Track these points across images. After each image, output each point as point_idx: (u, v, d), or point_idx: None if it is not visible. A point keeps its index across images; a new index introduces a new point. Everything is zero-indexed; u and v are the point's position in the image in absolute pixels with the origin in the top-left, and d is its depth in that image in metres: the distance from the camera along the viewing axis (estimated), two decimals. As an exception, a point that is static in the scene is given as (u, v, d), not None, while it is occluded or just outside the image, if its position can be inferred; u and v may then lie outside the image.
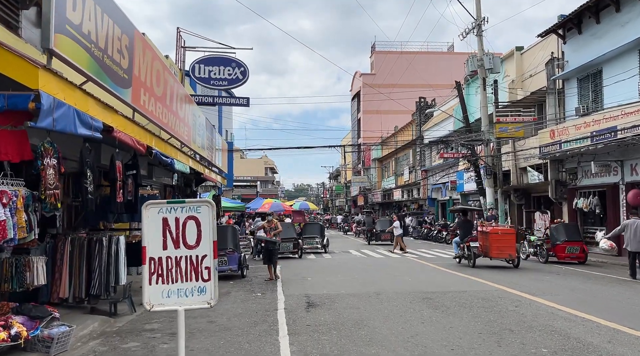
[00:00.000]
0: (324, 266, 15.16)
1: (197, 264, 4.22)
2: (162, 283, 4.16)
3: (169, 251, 4.22)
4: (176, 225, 4.23)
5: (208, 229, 4.26)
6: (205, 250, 4.25)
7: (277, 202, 24.77)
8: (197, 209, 4.28)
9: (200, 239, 4.25)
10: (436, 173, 34.77)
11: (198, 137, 13.90)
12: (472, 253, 14.60)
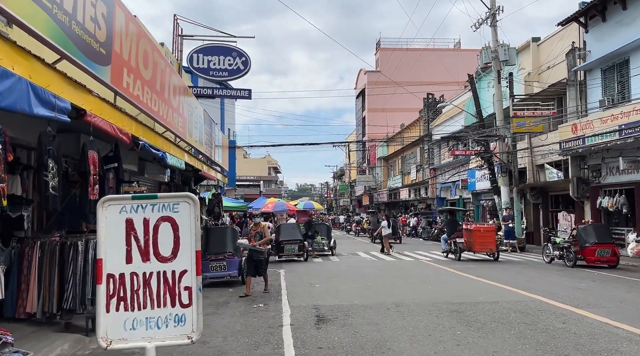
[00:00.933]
0: (332, 270, 13.98)
1: (173, 283, 3.06)
2: (124, 310, 2.99)
3: (134, 265, 3.06)
4: (145, 229, 3.06)
5: (189, 235, 3.09)
6: (184, 263, 3.08)
7: (280, 201, 23.61)
8: (173, 207, 3.12)
9: (179, 248, 3.08)
10: (445, 172, 33.52)
11: (195, 131, 12.73)
12: (458, 248, 16.73)
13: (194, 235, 3.10)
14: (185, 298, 3.07)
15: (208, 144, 15.06)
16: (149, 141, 8.21)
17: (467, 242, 16.52)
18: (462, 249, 16.60)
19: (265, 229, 10.15)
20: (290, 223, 19.02)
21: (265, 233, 10.14)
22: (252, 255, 9.95)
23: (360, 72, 66.08)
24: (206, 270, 11.06)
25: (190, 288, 3.09)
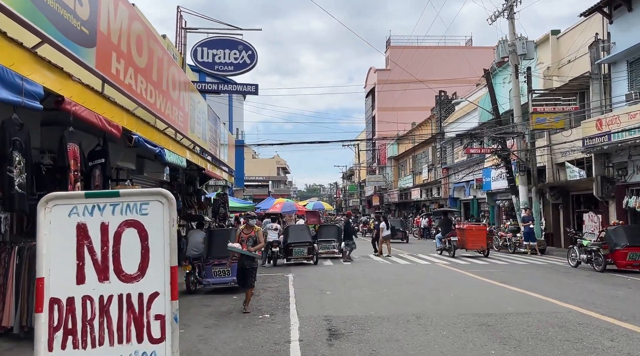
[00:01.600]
0: (344, 275, 13.14)
1: (141, 310, 2.27)
2: (73, 348, 2.20)
3: (88, 286, 2.29)
4: (103, 238, 2.28)
5: (161, 245, 2.29)
6: (155, 284, 2.30)
7: (289, 202, 22.82)
8: (141, 208, 2.32)
9: (148, 263, 2.30)
10: (459, 171, 32.54)
11: (198, 127, 11.99)
12: (452, 246, 18.26)
13: (169, 245, 2.31)
14: (157, 331, 2.28)
15: (213, 142, 14.31)
16: (145, 136, 7.46)
17: (460, 240, 18.20)
18: (455, 246, 18.22)
19: (259, 233, 8.71)
20: (299, 224, 18.23)
21: (260, 238, 8.67)
22: (243, 263, 8.39)
23: (370, 70, 65.17)
24: (209, 275, 10.31)
25: (162, 316, 2.29)
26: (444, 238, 19.09)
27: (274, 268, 15.05)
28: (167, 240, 2.33)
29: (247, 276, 8.38)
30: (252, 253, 8.43)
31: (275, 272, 13.90)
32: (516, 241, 19.89)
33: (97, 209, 2.31)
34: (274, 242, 15.45)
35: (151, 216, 2.34)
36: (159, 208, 2.36)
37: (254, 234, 8.62)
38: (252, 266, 8.46)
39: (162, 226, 2.33)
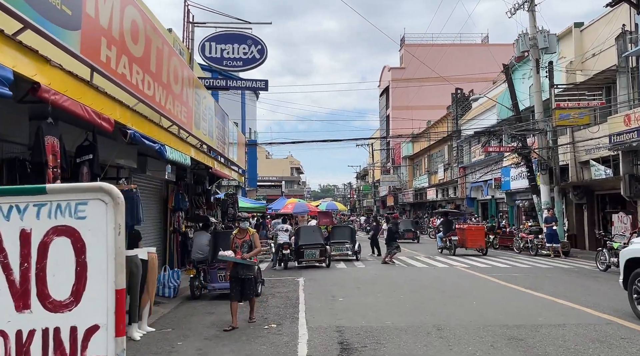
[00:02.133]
0: (357, 279, 12.46)
1: (73, 350, 1.63)
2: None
3: (0, 317, 1.62)
4: (23, 251, 1.65)
5: (104, 261, 1.65)
6: (94, 313, 1.67)
7: (301, 202, 22.17)
8: (76, 210, 1.69)
9: (84, 285, 1.65)
10: (476, 170, 31.63)
11: (203, 123, 11.42)
12: (452, 245, 19.24)
13: (114, 260, 1.69)
14: (96, 381, 1.64)
15: (220, 140, 13.75)
16: (142, 131, 6.89)
17: (460, 239, 19.16)
18: (456, 245, 19.21)
19: (255, 237, 7.68)
20: (310, 225, 17.57)
21: (256, 242, 7.65)
22: (237, 272, 7.38)
23: (384, 69, 64.31)
24: (214, 280, 9.72)
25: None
26: (445, 237, 20.02)
27: (285, 271, 14.44)
28: (112, 253, 1.70)
29: (244, 287, 7.40)
30: (247, 261, 7.40)
31: (285, 276, 13.28)
32: (538, 242, 19.02)
33: (15, 211, 1.69)
34: (285, 244, 14.83)
35: (90, 221, 1.71)
36: (100, 209, 1.74)
37: (249, 238, 7.64)
38: (248, 275, 7.43)
39: (104, 235, 1.70)
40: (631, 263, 7.69)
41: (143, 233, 11.19)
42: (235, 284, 7.41)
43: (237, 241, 7.62)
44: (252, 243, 7.64)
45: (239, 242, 7.60)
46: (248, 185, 51.33)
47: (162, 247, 12.51)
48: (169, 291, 9.93)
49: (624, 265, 7.83)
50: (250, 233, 7.73)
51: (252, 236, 7.69)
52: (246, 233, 7.70)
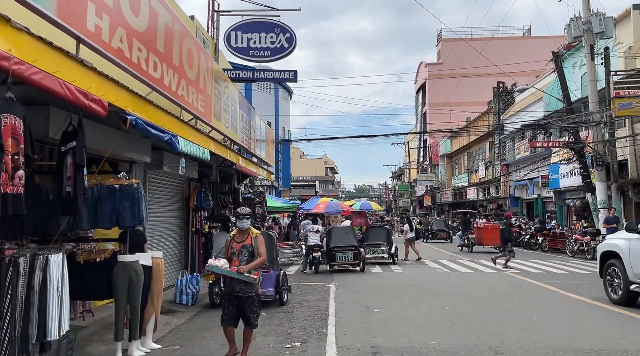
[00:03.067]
0: (395, 286, 11.26)
1: None
2: None
3: None
4: None
5: None
6: None
7: (334, 201, 21.10)
8: None
9: None
10: (521, 168, 29.78)
11: (225, 115, 10.48)
12: (470, 242, 20.79)
13: None
14: None
15: (246, 134, 12.82)
16: (150, 119, 5.97)
17: (477, 237, 20.48)
18: (473, 243, 20.74)
19: (258, 242, 5.68)
20: (343, 226, 16.45)
21: (260, 248, 5.66)
22: (233, 287, 5.54)
23: (420, 65, 62.54)
24: (235, 287, 8.73)
25: None
26: (464, 236, 21.84)
27: (316, 275, 13.36)
28: None
29: (242, 307, 5.47)
30: (243, 276, 5.43)
31: (315, 281, 12.21)
32: (595, 245, 17.28)
33: None
34: (315, 246, 13.76)
35: None
36: None
37: (251, 242, 5.65)
38: (247, 292, 5.49)
39: None
40: (605, 255, 9.12)
41: (161, 235, 10.40)
42: (229, 304, 5.54)
43: (235, 246, 5.66)
44: (254, 250, 5.62)
45: (236, 247, 5.64)
46: (281, 185, 50.79)
47: (183, 249, 11.67)
48: (187, 298, 9.03)
49: (600, 257, 9.30)
50: (253, 236, 5.69)
51: (254, 240, 5.66)
52: (247, 236, 5.71)
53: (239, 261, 5.56)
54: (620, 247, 8.69)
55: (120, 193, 5.80)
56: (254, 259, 5.57)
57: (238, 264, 5.53)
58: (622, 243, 8.73)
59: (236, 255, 5.61)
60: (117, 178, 6.02)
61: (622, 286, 8.46)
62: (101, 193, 5.79)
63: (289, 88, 54.52)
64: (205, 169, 13.61)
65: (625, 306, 8.32)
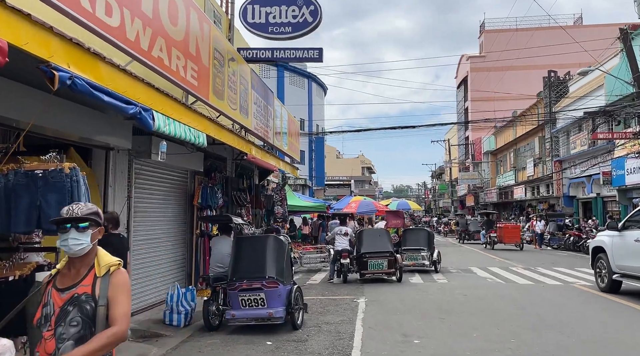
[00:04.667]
0: (440, 302, 9.15)
1: None
2: None
3: None
4: None
5: None
6: None
7: (367, 200, 18.96)
8: None
9: None
10: (577, 164, 26.87)
11: (231, 93, 8.68)
12: (492, 240, 22.89)
13: None
14: None
15: (262, 121, 11.01)
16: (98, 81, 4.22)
17: (499, 236, 22.78)
18: (495, 241, 22.89)
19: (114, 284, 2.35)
20: (377, 228, 14.36)
21: (113, 303, 2.31)
22: None
23: (461, 58, 59.40)
24: (235, 306, 6.90)
25: None
26: (486, 234, 24.01)
27: (343, 286, 11.38)
28: None
29: None
30: None
31: (342, 293, 10.23)
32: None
33: None
34: (344, 251, 11.80)
35: None
36: None
37: (92, 288, 2.34)
38: None
39: None
40: (595, 250, 10.53)
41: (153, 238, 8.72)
42: None
43: (54, 299, 2.34)
44: (97, 307, 2.31)
45: (56, 302, 2.33)
46: (315, 184, 48.99)
47: (187, 255, 9.96)
48: (179, 318, 7.26)
49: (591, 252, 10.76)
50: (101, 272, 2.37)
51: (102, 282, 2.35)
52: (87, 273, 2.39)
53: (55, 339, 2.28)
54: (605, 242, 10.16)
55: (44, 182, 4.04)
56: (93, 334, 2.28)
57: (53, 349, 2.28)
58: (607, 239, 10.18)
59: (51, 323, 2.30)
60: (43, 160, 4.25)
61: (607, 276, 9.92)
62: (18, 181, 4.05)
63: (323, 84, 52.67)
64: (217, 162, 11.90)
65: (610, 292, 9.75)
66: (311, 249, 15.71)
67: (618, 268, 9.58)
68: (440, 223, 43.71)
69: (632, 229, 9.41)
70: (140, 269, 7.99)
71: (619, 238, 9.65)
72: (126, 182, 7.58)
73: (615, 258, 9.64)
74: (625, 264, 9.38)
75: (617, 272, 9.61)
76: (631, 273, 9.21)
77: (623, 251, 9.47)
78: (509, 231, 22.63)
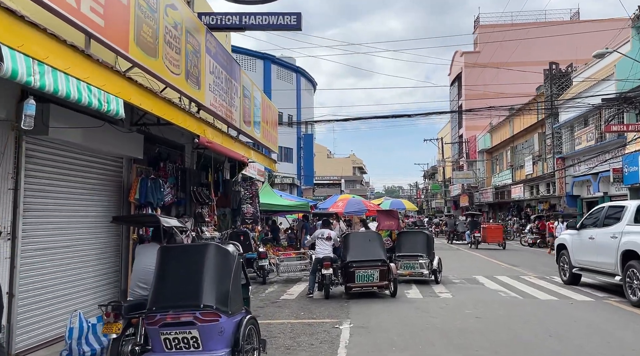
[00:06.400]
0: (448, 330, 6.99)
1: None
2: None
3: None
4: None
5: None
6: None
7: (356, 198, 16.72)
8: None
9: None
10: (582, 161, 24.97)
11: (170, 51, 6.48)
12: (476, 240, 24.38)
13: None
14: None
15: (224, 99, 8.81)
16: None
17: (482, 236, 23.95)
18: (479, 241, 23.90)
19: None
20: (367, 231, 12.17)
21: None
22: None
23: (455, 54, 57.53)
24: (156, 348, 4.67)
25: None
26: (471, 234, 25.11)
27: (325, 303, 9.18)
28: None
29: None
30: None
31: (321, 315, 8.04)
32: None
33: None
34: (326, 259, 9.60)
35: None
36: None
37: None
38: None
39: None
40: (559, 247, 11.90)
41: (71, 246, 6.50)
42: None
43: None
44: None
45: None
46: (304, 183, 46.76)
47: (120, 268, 7.73)
48: (80, 363, 5.05)
49: (556, 248, 12.14)
50: None
51: None
52: None
53: None
54: (566, 240, 11.38)
55: None
56: None
57: None
58: (568, 238, 11.38)
59: None
60: None
61: (568, 270, 11.08)
62: None
63: (313, 80, 50.47)
64: (171, 150, 9.70)
65: (570, 284, 10.91)
66: (292, 255, 13.54)
67: (577, 263, 10.84)
68: (432, 223, 43.07)
69: (588, 228, 10.65)
70: (36, 291, 5.78)
71: (577, 236, 10.90)
72: (11, 168, 5.36)
73: (574, 253, 10.93)
74: (581, 259, 10.64)
75: (576, 266, 10.88)
76: (587, 267, 10.45)
77: (580, 247, 10.69)
78: (492, 231, 24.08)
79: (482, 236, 24.07)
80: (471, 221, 27.13)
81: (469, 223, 27.66)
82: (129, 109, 7.69)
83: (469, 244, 25.56)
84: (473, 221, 26.94)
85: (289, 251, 14.23)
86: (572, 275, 10.97)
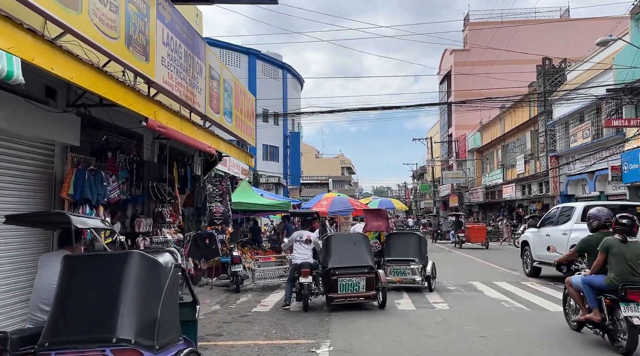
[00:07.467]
0: (448, 350, 5.73)
1: None
2: None
3: None
4: None
5: None
6: None
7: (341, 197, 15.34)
8: None
9: None
10: (577, 159, 24.01)
11: (103, 8, 5.15)
12: (460, 240, 25.21)
13: None
14: None
15: (180, 75, 7.46)
16: None
17: (466, 236, 24.82)
18: (463, 241, 24.77)
19: None
20: (352, 233, 10.85)
21: None
22: None
23: (444, 52, 56.65)
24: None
25: None
26: (455, 234, 25.90)
27: (303, 316, 7.89)
28: None
29: None
30: None
31: (297, 333, 6.75)
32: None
33: None
34: (304, 266, 8.31)
35: None
36: None
37: None
38: None
39: None
40: (522, 243, 13.44)
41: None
42: None
43: None
44: None
45: None
46: (290, 183, 45.40)
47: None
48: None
49: (520, 245, 13.74)
50: None
51: None
52: None
53: None
54: (528, 237, 13.04)
55: None
56: None
57: None
58: (529, 235, 13.06)
59: None
60: None
61: (530, 264, 12.66)
62: None
63: (300, 76, 49.16)
64: (123, 138, 8.34)
65: (532, 277, 12.37)
66: (273, 259, 12.23)
67: (537, 257, 12.20)
68: (420, 224, 43.56)
69: (546, 227, 12.18)
70: None
71: (537, 234, 12.39)
72: None
73: (534, 249, 12.35)
74: (540, 253, 11.85)
75: (536, 260, 12.26)
76: (544, 260, 11.61)
77: (539, 243, 11.87)
78: (475, 231, 24.94)
79: (465, 236, 24.85)
80: (455, 222, 28.26)
81: (453, 223, 28.85)
82: (65, 86, 6.39)
83: (454, 243, 26.29)
84: (457, 222, 28.05)
85: (270, 254, 12.92)
86: (534, 268, 12.35)
